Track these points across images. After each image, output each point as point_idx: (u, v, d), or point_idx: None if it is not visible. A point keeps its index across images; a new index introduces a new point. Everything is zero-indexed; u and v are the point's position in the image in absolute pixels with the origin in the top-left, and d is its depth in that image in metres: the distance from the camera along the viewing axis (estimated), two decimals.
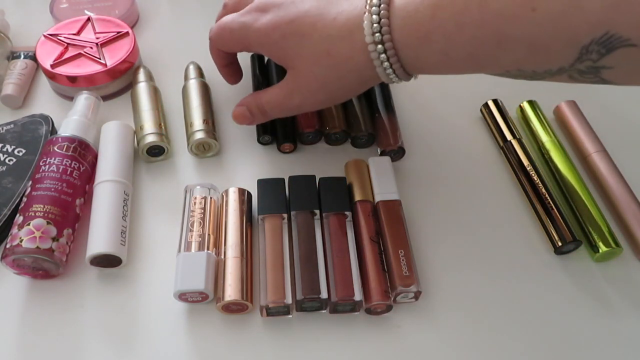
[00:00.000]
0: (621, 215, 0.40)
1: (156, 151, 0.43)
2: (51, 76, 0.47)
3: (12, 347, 0.34)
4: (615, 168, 0.42)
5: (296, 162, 0.44)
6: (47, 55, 0.47)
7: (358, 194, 0.39)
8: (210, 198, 0.38)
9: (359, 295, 0.34)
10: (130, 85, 0.48)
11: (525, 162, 0.42)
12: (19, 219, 0.36)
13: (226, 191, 0.39)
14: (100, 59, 0.47)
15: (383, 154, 0.43)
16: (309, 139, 0.44)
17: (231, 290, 0.34)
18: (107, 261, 0.36)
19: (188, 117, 0.44)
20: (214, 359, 0.34)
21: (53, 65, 0.46)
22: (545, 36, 0.27)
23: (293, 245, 0.37)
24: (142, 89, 0.45)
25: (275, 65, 0.47)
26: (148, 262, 0.38)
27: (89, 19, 0.50)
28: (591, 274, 0.38)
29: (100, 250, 0.35)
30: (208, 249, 0.36)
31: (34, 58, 0.50)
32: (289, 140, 0.44)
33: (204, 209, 0.38)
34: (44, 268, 0.36)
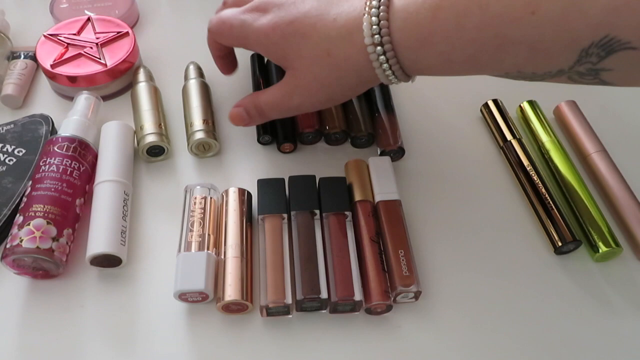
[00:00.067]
0: (621, 215, 0.40)
1: (156, 151, 0.43)
2: (51, 76, 0.47)
3: (12, 347, 0.34)
4: (615, 168, 0.42)
5: (296, 162, 0.44)
6: (47, 55, 0.47)
7: (358, 194, 0.39)
8: (210, 198, 0.38)
9: (359, 295, 0.34)
10: (130, 85, 0.48)
11: (525, 162, 0.42)
12: (19, 219, 0.36)
13: (226, 191, 0.39)
14: (100, 59, 0.47)
15: (383, 154, 0.43)
16: (309, 139, 0.44)
17: (231, 290, 0.34)
18: (107, 261, 0.36)
19: (188, 117, 0.44)
20: (214, 359, 0.34)
21: (53, 65, 0.46)
22: (545, 39, 0.27)
23: (293, 245, 0.37)
24: (142, 89, 0.45)
25: (275, 66, 0.47)
26: (148, 262, 0.38)
27: (89, 19, 0.50)
28: (591, 274, 0.38)
29: (100, 250, 0.35)
30: (208, 249, 0.36)
31: (34, 58, 0.50)
32: (289, 140, 0.44)
33: (204, 209, 0.38)
34: (44, 268, 0.36)
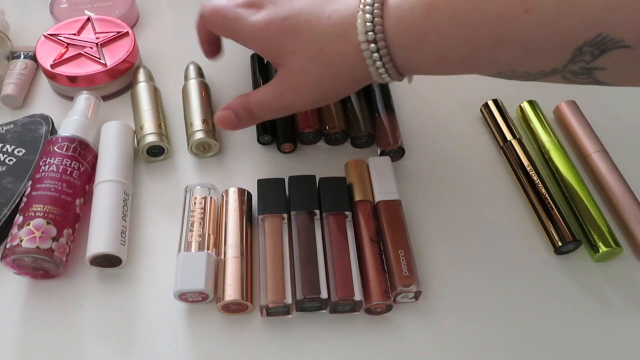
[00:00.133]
0: (621, 215, 0.40)
1: (156, 151, 0.43)
2: (51, 76, 0.47)
3: (12, 347, 0.34)
4: (615, 168, 0.42)
5: (296, 162, 0.44)
6: (47, 55, 0.47)
7: (358, 194, 0.39)
8: (210, 198, 0.38)
9: (359, 295, 0.34)
10: (130, 85, 0.48)
11: (525, 162, 0.42)
12: (19, 219, 0.36)
13: (226, 191, 0.39)
14: (100, 59, 0.47)
15: (383, 154, 0.43)
16: (309, 139, 0.44)
17: (231, 290, 0.34)
18: (107, 261, 0.36)
19: (188, 117, 0.44)
20: (214, 359, 0.34)
21: (53, 65, 0.46)
22: (539, 38, 0.27)
23: (293, 245, 0.37)
24: (142, 89, 0.45)
25: None
26: (148, 262, 0.38)
27: (89, 19, 0.50)
28: (591, 274, 0.38)
29: (100, 250, 0.35)
30: (208, 249, 0.36)
31: (34, 58, 0.50)
32: (289, 140, 0.44)
33: (204, 209, 0.38)
34: (44, 268, 0.36)
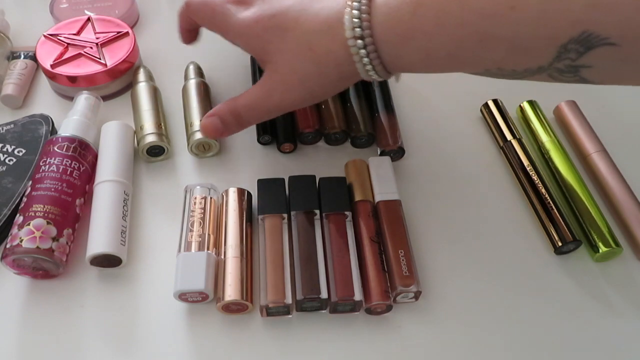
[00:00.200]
0: (621, 215, 0.40)
1: (156, 151, 0.43)
2: (51, 76, 0.47)
3: (12, 347, 0.34)
4: (615, 168, 0.42)
5: (296, 162, 0.44)
6: (47, 55, 0.47)
7: (358, 194, 0.39)
8: (210, 198, 0.38)
9: (359, 295, 0.34)
10: (130, 85, 0.48)
11: (525, 162, 0.42)
12: (19, 219, 0.36)
13: (226, 191, 0.39)
14: (100, 59, 0.47)
15: (383, 154, 0.43)
16: (309, 139, 0.44)
17: (231, 290, 0.34)
18: (107, 261, 0.36)
19: (188, 117, 0.44)
20: (214, 359, 0.34)
21: (53, 65, 0.46)
22: (524, 35, 0.27)
23: (293, 245, 0.37)
24: (142, 89, 0.45)
25: None
26: (148, 262, 0.38)
27: (89, 19, 0.50)
28: (591, 274, 0.38)
29: (100, 250, 0.35)
30: (208, 249, 0.36)
31: (34, 58, 0.50)
32: (289, 140, 0.44)
33: (204, 209, 0.38)
34: (44, 268, 0.36)
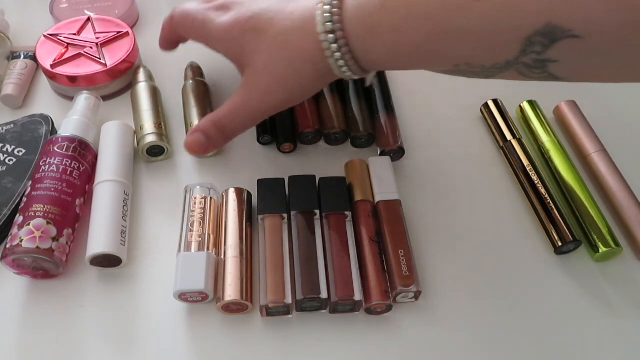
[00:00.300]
0: (621, 215, 0.40)
1: (156, 151, 0.43)
2: (51, 76, 0.47)
3: (12, 347, 0.34)
4: (615, 168, 0.42)
5: (296, 162, 0.44)
6: (47, 55, 0.47)
7: (358, 194, 0.39)
8: (210, 198, 0.38)
9: (359, 295, 0.34)
10: (130, 85, 0.48)
11: (525, 162, 0.42)
12: (19, 219, 0.36)
13: (226, 191, 0.39)
14: (100, 59, 0.47)
15: (383, 154, 0.43)
16: (309, 139, 0.44)
17: (231, 290, 0.34)
18: (107, 261, 0.36)
19: (188, 117, 0.44)
20: (214, 359, 0.34)
21: (53, 65, 0.46)
22: (489, 27, 0.27)
23: (293, 245, 0.37)
24: (142, 89, 0.45)
25: None
26: (148, 262, 0.38)
27: (89, 19, 0.50)
28: (591, 274, 0.38)
29: (100, 250, 0.35)
30: (208, 249, 0.36)
31: (34, 58, 0.50)
32: (289, 140, 0.44)
33: (204, 209, 0.38)
34: (44, 268, 0.36)
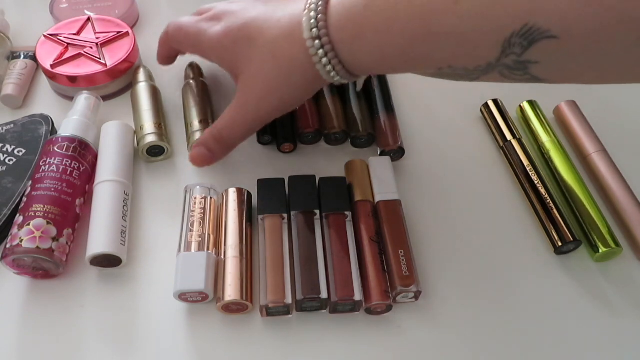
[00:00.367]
0: (621, 215, 0.40)
1: (156, 151, 0.43)
2: (51, 76, 0.47)
3: (12, 347, 0.34)
4: (615, 168, 0.42)
5: (296, 162, 0.44)
6: (47, 55, 0.47)
7: (358, 194, 0.39)
8: (210, 198, 0.38)
9: (359, 295, 0.34)
10: (130, 85, 0.48)
11: (525, 162, 0.42)
12: (19, 219, 0.36)
13: (226, 191, 0.39)
14: (100, 59, 0.47)
15: (383, 154, 0.43)
16: (309, 139, 0.44)
17: (231, 290, 0.34)
18: (107, 261, 0.36)
19: (188, 117, 0.44)
20: (214, 359, 0.34)
21: (53, 65, 0.46)
22: (469, 29, 0.27)
23: (293, 245, 0.37)
24: (142, 89, 0.45)
25: None
26: (148, 262, 0.38)
27: (89, 19, 0.50)
28: (591, 274, 0.38)
29: (100, 250, 0.35)
30: (208, 249, 0.36)
31: (34, 58, 0.50)
32: (289, 140, 0.44)
33: (204, 209, 0.38)
34: (44, 268, 0.36)
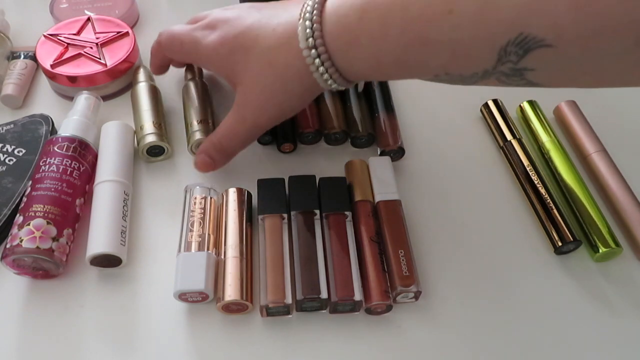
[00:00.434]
0: (621, 215, 0.40)
1: (156, 151, 0.43)
2: (51, 76, 0.47)
3: (12, 347, 0.34)
4: (615, 168, 0.42)
5: (296, 162, 0.44)
6: (47, 55, 0.47)
7: (358, 194, 0.39)
8: (210, 198, 0.38)
9: (359, 295, 0.34)
10: (130, 85, 0.48)
11: (525, 162, 0.42)
12: (19, 219, 0.36)
13: (226, 191, 0.39)
14: (100, 59, 0.47)
15: (383, 154, 0.43)
16: (309, 139, 0.44)
17: (231, 290, 0.34)
18: (107, 261, 0.36)
19: (188, 117, 0.44)
20: (214, 359, 0.34)
21: (53, 65, 0.46)
22: (464, 38, 0.27)
23: (293, 245, 0.37)
24: (142, 89, 0.45)
25: None
26: (148, 262, 0.38)
27: (89, 19, 0.50)
28: (591, 274, 0.38)
29: (100, 250, 0.35)
30: (208, 249, 0.36)
31: (34, 58, 0.50)
32: (289, 140, 0.44)
33: (204, 209, 0.38)
34: (44, 268, 0.36)
